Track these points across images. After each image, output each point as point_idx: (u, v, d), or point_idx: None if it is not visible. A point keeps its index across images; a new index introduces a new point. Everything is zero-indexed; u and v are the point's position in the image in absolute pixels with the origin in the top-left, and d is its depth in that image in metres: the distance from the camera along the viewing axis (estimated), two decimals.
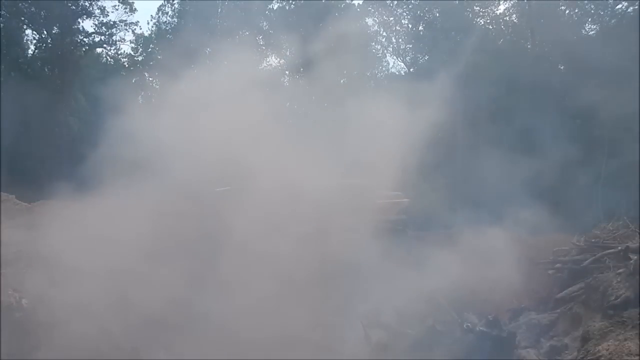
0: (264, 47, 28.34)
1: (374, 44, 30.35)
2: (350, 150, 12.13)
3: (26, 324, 8.03)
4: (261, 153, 10.80)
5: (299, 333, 8.77)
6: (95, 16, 29.17)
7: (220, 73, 13.35)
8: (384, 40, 30.89)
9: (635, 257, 8.37)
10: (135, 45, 30.99)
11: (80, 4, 28.65)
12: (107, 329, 8.31)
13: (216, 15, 29.37)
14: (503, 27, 28.94)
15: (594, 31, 26.72)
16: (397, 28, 30.40)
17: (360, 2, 30.97)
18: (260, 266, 9.22)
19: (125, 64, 30.64)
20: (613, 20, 25.98)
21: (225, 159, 10.53)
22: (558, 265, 11.35)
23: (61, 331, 7.84)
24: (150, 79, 29.45)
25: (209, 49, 22.69)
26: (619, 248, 9.62)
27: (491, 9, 28.90)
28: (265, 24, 29.34)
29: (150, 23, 34.23)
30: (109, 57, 31.21)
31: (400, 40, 30.69)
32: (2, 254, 8.91)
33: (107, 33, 29.80)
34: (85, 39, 29.83)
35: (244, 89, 12.21)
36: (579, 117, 23.65)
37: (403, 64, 31.22)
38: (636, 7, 24.34)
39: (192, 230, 10.07)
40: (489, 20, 28.97)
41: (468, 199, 19.50)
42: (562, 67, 26.54)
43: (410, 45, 30.59)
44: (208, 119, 11.15)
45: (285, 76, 27.54)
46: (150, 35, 31.13)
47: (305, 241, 9.83)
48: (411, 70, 29.97)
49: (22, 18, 28.25)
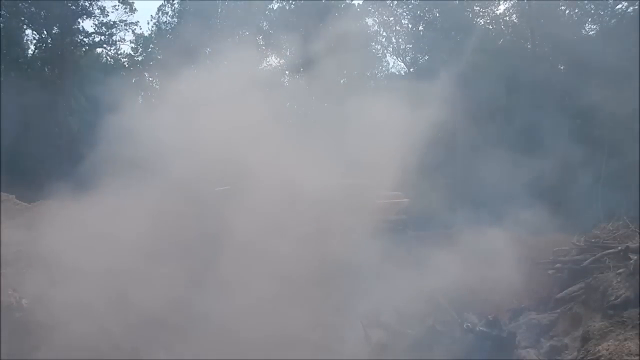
0: (264, 47, 28.31)
1: (374, 44, 30.30)
2: (350, 150, 12.13)
3: (26, 324, 8.04)
4: (261, 153, 10.80)
5: (298, 333, 8.78)
6: (95, 16, 29.16)
7: (220, 73, 13.37)
8: (384, 40, 30.87)
9: (635, 257, 8.37)
10: (135, 45, 30.97)
11: (80, 4, 28.62)
12: (107, 328, 8.31)
13: (216, 15, 29.34)
14: (503, 27, 28.92)
15: (594, 31, 26.73)
16: (397, 28, 30.38)
17: (360, 2, 30.96)
18: (260, 266, 9.22)
19: (125, 64, 30.60)
20: (613, 20, 25.96)
21: (225, 158, 10.53)
22: (558, 265, 11.35)
23: (61, 331, 7.85)
24: (150, 79, 29.42)
25: (209, 49, 22.71)
26: (619, 248, 9.62)
27: (491, 9, 28.91)
28: (265, 24, 29.30)
29: (150, 23, 34.23)
30: (109, 57, 31.19)
31: (400, 40, 30.66)
32: (2, 254, 8.91)
33: (107, 33, 29.78)
34: (85, 39, 29.82)
35: (243, 89, 12.21)
36: (579, 117, 23.64)
37: (403, 64, 31.22)
38: (636, 7, 24.34)
39: (192, 230, 10.08)
40: (489, 20, 28.95)
41: (468, 199, 19.50)
42: (562, 67, 26.52)
43: (410, 45, 30.56)
44: (208, 118, 11.14)
45: (285, 76, 27.52)
46: (150, 35, 31.13)
47: (305, 241, 9.83)
48: (411, 70, 29.94)
49: (22, 18, 28.21)
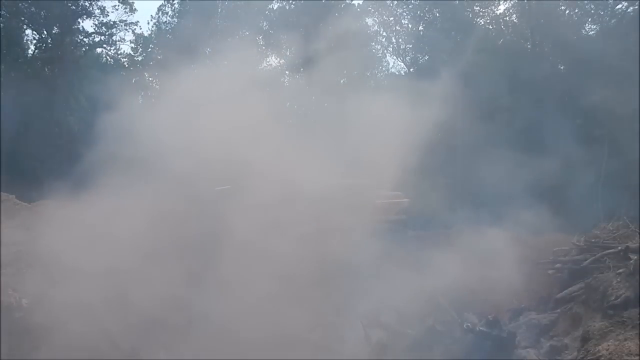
0: (264, 47, 28.31)
1: (374, 44, 30.32)
2: (350, 149, 12.12)
3: (26, 324, 8.03)
4: (261, 152, 10.79)
5: (298, 333, 8.78)
6: (95, 16, 29.17)
7: (220, 72, 13.36)
8: (384, 40, 30.86)
9: (635, 257, 8.38)
10: (135, 45, 30.99)
11: (80, 4, 28.62)
12: (107, 328, 8.31)
13: (216, 15, 29.35)
14: (503, 27, 28.90)
15: (594, 31, 26.73)
16: (397, 28, 30.37)
17: (360, 2, 30.96)
18: (260, 266, 9.21)
19: (125, 64, 30.60)
20: (613, 20, 25.95)
21: (225, 158, 10.52)
22: (558, 265, 11.36)
23: (61, 331, 7.85)
24: (150, 79, 29.40)
25: (209, 48, 22.71)
26: (619, 248, 9.63)
27: (491, 9, 28.89)
28: (265, 24, 29.29)
29: (150, 23, 34.27)
30: (109, 57, 31.16)
31: (400, 40, 30.65)
32: (2, 254, 8.91)
33: (107, 33, 29.78)
34: (85, 39, 29.83)
35: (244, 89, 12.20)
36: (579, 117, 23.62)
37: (403, 64, 31.20)
38: (636, 7, 24.33)
39: (192, 230, 10.06)
40: (489, 20, 28.96)
41: (468, 199, 19.50)
42: (562, 67, 26.51)
43: (410, 45, 30.55)
44: (208, 118, 11.14)
45: (285, 76, 27.52)
46: (150, 35, 31.13)
47: (305, 241, 9.82)
48: (411, 70, 29.93)
49: (22, 18, 28.21)
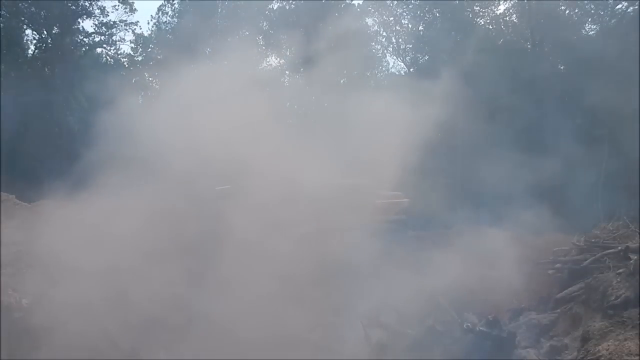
0: (264, 47, 28.31)
1: (374, 44, 30.32)
2: (350, 149, 12.12)
3: (26, 324, 8.03)
4: (261, 152, 10.79)
5: (298, 333, 8.77)
6: (95, 16, 29.21)
7: (220, 72, 13.35)
8: (384, 40, 30.86)
9: (635, 257, 8.38)
10: (135, 45, 31.00)
11: (80, 4, 28.64)
12: (107, 328, 8.31)
13: (216, 15, 29.36)
14: (503, 27, 28.90)
15: (594, 31, 26.73)
16: (397, 28, 30.37)
17: (360, 2, 30.96)
18: (260, 265, 9.21)
19: (125, 64, 30.61)
20: (613, 20, 25.95)
21: (225, 157, 10.52)
22: (558, 265, 11.35)
23: (61, 331, 7.84)
24: (150, 79, 29.40)
25: (209, 48, 22.72)
26: (619, 248, 9.63)
27: (491, 9, 28.90)
28: (265, 24, 29.29)
29: (150, 23, 34.27)
30: (109, 57, 31.18)
31: (400, 40, 30.65)
32: (2, 254, 8.91)
33: (107, 33, 29.81)
34: (85, 39, 29.86)
35: (244, 89, 12.20)
36: (579, 117, 23.62)
37: (403, 64, 31.20)
38: (636, 7, 24.33)
39: (192, 229, 10.06)
40: (489, 20, 28.96)
41: (468, 199, 19.49)
42: (562, 67, 26.51)
43: (410, 45, 30.56)
44: (208, 118, 11.14)
45: (286, 76, 27.52)
46: (150, 35, 31.13)
47: (305, 241, 9.82)
48: (411, 70, 29.93)
49: (22, 18, 28.21)
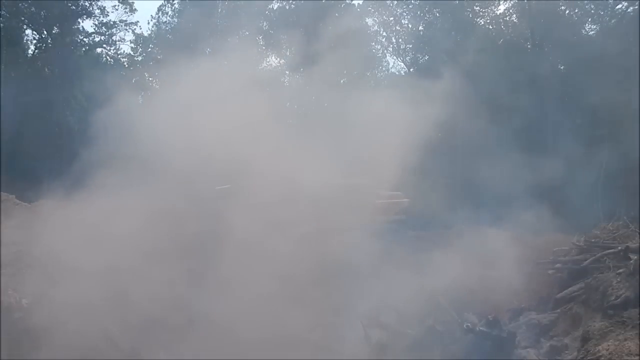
0: (264, 47, 28.32)
1: (374, 44, 30.34)
2: (350, 149, 12.12)
3: (26, 324, 8.03)
4: (261, 152, 10.79)
5: (298, 333, 8.77)
6: (95, 16, 29.27)
7: (220, 72, 13.34)
8: (384, 40, 30.89)
9: (635, 257, 8.38)
10: (135, 45, 31.01)
11: (80, 4, 28.66)
12: (107, 328, 8.31)
13: (216, 15, 29.36)
14: (503, 27, 28.91)
15: (594, 31, 26.74)
16: (397, 28, 30.38)
17: (360, 2, 30.97)
18: (260, 265, 9.21)
19: (125, 63, 30.62)
20: (613, 20, 25.95)
21: (225, 157, 10.52)
22: (558, 265, 11.35)
23: (61, 331, 7.84)
24: (150, 79, 29.41)
25: (209, 48, 22.72)
26: (619, 248, 9.63)
27: (491, 9, 28.92)
28: (265, 24, 29.30)
29: (150, 23, 34.30)
30: (109, 57, 31.20)
31: (400, 40, 30.67)
32: (2, 254, 8.91)
33: (107, 33, 29.84)
34: (85, 39, 29.90)
35: (244, 89, 12.20)
36: (579, 117, 23.63)
37: (403, 64, 31.23)
38: (636, 7, 24.33)
39: (192, 229, 10.06)
40: (489, 20, 28.97)
41: (468, 199, 19.49)
42: (562, 67, 26.52)
43: (410, 45, 30.57)
44: (208, 117, 11.14)
45: (286, 76, 27.53)
46: (150, 35, 31.14)
47: (305, 240, 9.82)
48: (411, 70, 29.94)
49: (22, 18, 28.23)
